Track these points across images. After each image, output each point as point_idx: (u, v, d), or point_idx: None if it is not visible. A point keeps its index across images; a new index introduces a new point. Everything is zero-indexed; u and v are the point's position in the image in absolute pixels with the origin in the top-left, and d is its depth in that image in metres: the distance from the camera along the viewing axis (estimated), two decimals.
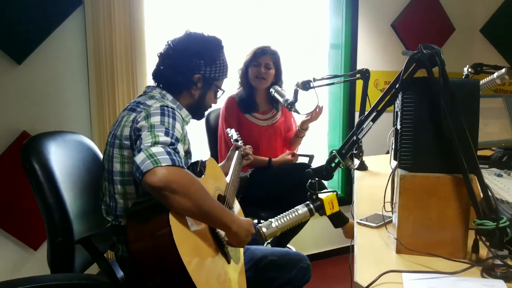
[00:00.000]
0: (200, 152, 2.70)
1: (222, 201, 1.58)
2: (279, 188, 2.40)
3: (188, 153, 1.57)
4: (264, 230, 1.18)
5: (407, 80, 1.14)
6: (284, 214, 1.21)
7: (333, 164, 1.26)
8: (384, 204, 1.36)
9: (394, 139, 1.27)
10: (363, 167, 2.19)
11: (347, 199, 3.31)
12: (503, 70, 2.10)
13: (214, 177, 1.63)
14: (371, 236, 1.31)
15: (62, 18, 2.29)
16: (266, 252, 1.67)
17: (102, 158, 1.54)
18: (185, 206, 1.16)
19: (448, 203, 1.10)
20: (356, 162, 2.17)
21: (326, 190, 1.27)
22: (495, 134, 2.14)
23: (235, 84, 2.60)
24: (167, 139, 1.24)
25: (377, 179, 2.01)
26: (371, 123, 1.22)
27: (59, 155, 1.49)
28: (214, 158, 1.74)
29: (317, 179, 1.25)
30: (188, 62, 1.53)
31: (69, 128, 1.94)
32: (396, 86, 1.16)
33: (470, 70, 2.23)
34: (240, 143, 2.10)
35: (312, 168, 1.27)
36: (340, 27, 3.28)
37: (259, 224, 1.20)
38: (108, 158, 1.45)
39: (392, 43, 3.42)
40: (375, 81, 3.34)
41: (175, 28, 2.62)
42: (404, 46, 3.45)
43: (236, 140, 2.13)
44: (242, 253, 1.60)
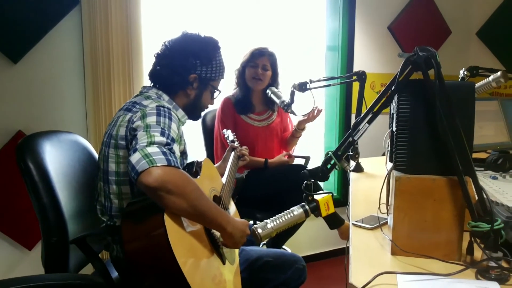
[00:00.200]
0: (196, 153, 2.69)
1: (218, 202, 1.58)
2: (275, 190, 2.40)
3: (184, 153, 1.57)
4: (259, 231, 1.17)
5: (403, 82, 1.14)
6: (280, 215, 1.21)
7: (328, 166, 1.26)
8: (379, 205, 1.36)
9: (390, 141, 1.27)
10: (359, 169, 2.19)
11: (343, 201, 3.32)
12: (499, 73, 2.11)
13: (210, 177, 1.63)
14: (366, 238, 1.31)
15: (58, 18, 2.29)
16: (261, 253, 1.67)
17: (98, 158, 1.54)
18: (180, 207, 1.16)
19: (443, 205, 1.11)
20: (352, 164, 2.18)
21: (321, 192, 1.27)
22: (490, 137, 2.14)
23: (231, 84, 2.60)
24: (163, 139, 1.24)
25: (372, 181, 2.01)
26: (367, 124, 1.22)
27: (54, 155, 1.49)
28: (210, 159, 1.74)
29: (312, 180, 1.25)
30: (184, 62, 1.53)
31: (65, 128, 1.93)
32: (392, 88, 1.16)
33: (466, 73, 2.24)
34: (236, 144, 2.10)
35: (308, 169, 1.27)
36: (337, 29, 3.29)
37: (255, 225, 1.19)
38: (104, 158, 1.44)
39: (389, 45, 3.44)
40: (372, 83, 3.35)
41: (172, 28, 2.62)
42: (400, 49, 3.46)
43: (232, 141, 2.13)
44: (237, 254, 1.60)
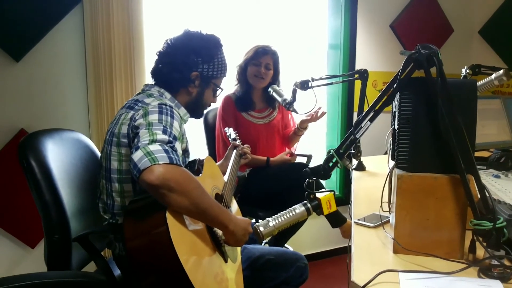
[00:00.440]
0: (198, 151, 2.69)
1: (220, 200, 1.58)
2: (277, 188, 2.40)
3: (186, 151, 1.57)
4: (261, 229, 1.17)
5: (405, 80, 1.14)
6: (282, 213, 1.21)
7: (330, 164, 1.26)
8: (381, 204, 1.36)
9: (392, 139, 1.27)
10: (361, 167, 2.19)
11: (345, 200, 3.32)
12: (501, 71, 2.10)
13: (212, 176, 1.63)
14: (368, 236, 1.31)
15: (60, 16, 2.29)
16: (263, 251, 1.67)
17: (100, 156, 1.54)
18: (182, 204, 1.16)
19: (445, 203, 1.10)
20: (354, 162, 2.18)
21: (323, 190, 1.27)
22: (493, 136, 2.14)
23: (232, 81, 2.60)
24: (165, 137, 1.24)
25: (375, 179, 2.01)
26: (369, 122, 1.22)
27: (56, 153, 1.49)
28: (212, 157, 1.74)
29: (314, 178, 1.25)
30: (186, 59, 1.53)
31: (67, 126, 1.94)
32: (394, 86, 1.16)
33: (468, 71, 2.23)
34: (238, 142, 2.10)
35: (310, 167, 1.26)
36: (339, 28, 3.28)
37: (257, 223, 1.19)
38: (106, 156, 1.45)
39: (391, 44, 3.43)
40: (374, 81, 3.34)
41: (174, 26, 2.62)
42: (402, 47, 3.44)
43: (234, 139, 2.13)
44: (239, 252, 1.60)
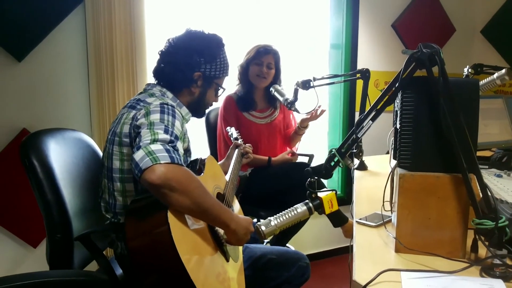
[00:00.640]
0: (200, 151, 2.70)
1: (221, 199, 1.58)
2: (279, 187, 2.40)
3: (187, 151, 1.57)
4: (263, 228, 1.17)
5: (407, 79, 1.13)
6: (283, 212, 1.21)
7: (332, 163, 1.25)
8: (383, 203, 1.35)
9: (394, 139, 1.26)
10: (362, 167, 2.18)
11: (347, 199, 3.31)
12: (503, 70, 2.10)
13: (214, 175, 1.63)
14: (370, 235, 1.31)
15: (62, 16, 2.29)
16: (265, 251, 1.67)
17: (102, 155, 1.54)
18: (183, 204, 1.16)
19: (447, 202, 1.10)
20: (356, 162, 2.17)
21: (325, 189, 1.27)
22: (495, 135, 2.13)
23: (234, 81, 2.60)
24: (166, 136, 1.24)
25: (376, 179, 2.00)
26: (371, 122, 1.22)
27: (58, 152, 1.49)
28: (214, 156, 1.74)
29: (316, 177, 1.25)
30: (188, 59, 1.53)
31: (69, 126, 1.94)
32: (396, 85, 1.16)
33: (470, 70, 2.23)
34: (240, 141, 2.10)
35: (311, 166, 1.26)
36: (341, 27, 3.28)
37: (258, 223, 1.19)
38: (108, 156, 1.45)
39: (393, 43, 3.42)
40: (375, 81, 3.34)
41: (176, 25, 2.62)
42: (404, 47, 3.44)
43: (236, 139, 2.13)
44: (241, 251, 1.60)
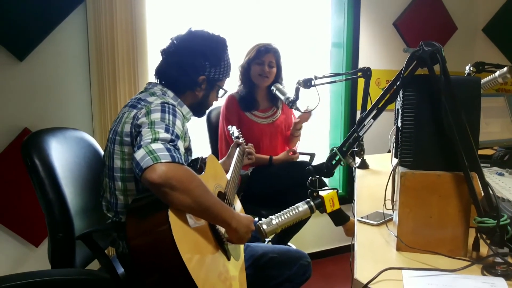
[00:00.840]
0: (201, 150, 2.70)
1: (223, 198, 1.58)
2: (280, 186, 2.40)
3: (188, 150, 1.57)
4: (264, 227, 1.17)
5: (408, 77, 1.13)
6: (285, 211, 1.21)
7: (333, 162, 1.25)
8: (384, 202, 1.35)
9: (395, 137, 1.26)
10: (364, 165, 2.18)
11: (348, 198, 3.31)
12: (505, 68, 2.10)
13: (215, 174, 1.63)
14: (371, 234, 1.31)
15: (64, 16, 2.29)
16: (266, 250, 1.67)
17: (103, 154, 1.54)
18: (184, 203, 1.17)
19: (448, 200, 1.10)
20: (357, 160, 2.17)
21: (326, 188, 1.27)
22: (496, 134, 2.13)
23: (235, 81, 2.59)
24: (167, 135, 1.24)
25: (378, 178, 2.00)
26: (372, 120, 1.22)
27: (60, 151, 1.50)
28: (215, 156, 1.74)
29: (317, 176, 1.25)
30: (193, 62, 1.52)
31: (70, 125, 1.94)
32: (397, 84, 1.15)
33: (472, 68, 2.22)
34: (241, 140, 2.10)
35: (313, 165, 1.26)
36: (342, 26, 3.27)
37: (260, 221, 1.19)
38: (109, 155, 1.45)
39: (394, 42, 3.42)
40: (377, 79, 3.33)
41: (177, 24, 2.63)
42: (406, 45, 3.43)
43: (237, 137, 2.12)
44: (242, 250, 1.60)
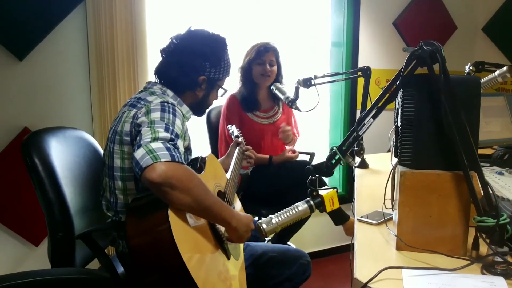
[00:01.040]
0: (201, 149, 2.69)
1: (222, 197, 1.58)
2: (280, 186, 2.40)
3: (188, 149, 1.57)
4: (264, 226, 1.17)
5: (408, 76, 1.13)
6: (285, 210, 1.21)
7: (333, 161, 1.25)
8: (384, 201, 1.35)
9: (395, 136, 1.26)
10: (364, 165, 2.18)
11: (348, 197, 3.31)
12: (505, 68, 2.10)
13: (214, 173, 1.63)
14: (371, 233, 1.31)
15: (63, 15, 2.29)
16: (266, 249, 1.67)
17: (103, 153, 1.54)
18: (184, 202, 1.17)
19: (448, 200, 1.10)
20: (357, 159, 2.17)
21: (326, 187, 1.27)
22: (496, 133, 2.13)
23: (235, 81, 2.59)
24: (167, 135, 1.24)
25: (378, 177, 2.01)
26: (372, 120, 1.22)
27: (59, 151, 1.50)
28: (215, 155, 1.74)
29: (317, 176, 1.25)
30: (194, 63, 1.53)
31: (70, 124, 1.94)
32: (397, 83, 1.15)
33: (471, 68, 2.23)
34: (240, 139, 2.09)
35: (312, 164, 1.26)
36: (342, 25, 3.27)
37: (259, 221, 1.19)
38: (109, 154, 1.45)
39: (394, 41, 3.42)
40: (377, 79, 3.33)
41: (177, 23, 2.62)
42: (406, 45, 3.43)
43: (237, 137, 2.12)
44: (242, 249, 1.61)
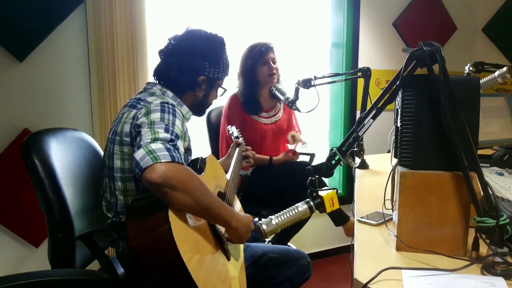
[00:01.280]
0: (201, 150, 2.69)
1: (222, 198, 1.58)
2: (280, 187, 2.40)
3: (188, 150, 1.57)
4: (264, 227, 1.17)
5: (407, 77, 1.13)
6: (284, 211, 1.21)
7: (333, 162, 1.25)
8: (384, 202, 1.35)
9: (395, 137, 1.26)
10: (364, 165, 2.18)
11: (348, 198, 3.31)
12: (505, 68, 2.10)
13: (214, 174, 1.63)
14: (371, 234, 1.31)
15: (63, 16, 2.29)
16: (266, 250, 1.67)
17: (103, 154, 1.54)
18: (184, 202, 1.17)
19: (448, 200, 1.10)
20: (357, 160, 2.17)
21: (326, 188, 1.27)
22: (496, 133, 2.13)
23: (234, 81, 2.58)
24: (167, 135, 1.24)
25: (378, 178, 2.00)
26: (372, 120, 1.22)
27: (60, 152, 1.50)
28: (215, 156, 1.74)
29: (317, 176, 1.25)
30: (193, 63, 1.53)
31: (70, 125, 1.94)
32: (397, 83, 1.15)
33: (471, 68, 2.23)
34: (240, 139, 2.09)
35: (312, 165, 1.26)
36: (342, 26, 3.28)
37: (259, 221, 1.19)
38: (109, 155, 1.45)
39: (394, 42, 3.42)
40: (377, 79, 3.34)
41: (176, 23, 2.62)
42: (405, 45, 3.43)
43: (237, 137, 2.12)
44: (242, 250, 1.61)
